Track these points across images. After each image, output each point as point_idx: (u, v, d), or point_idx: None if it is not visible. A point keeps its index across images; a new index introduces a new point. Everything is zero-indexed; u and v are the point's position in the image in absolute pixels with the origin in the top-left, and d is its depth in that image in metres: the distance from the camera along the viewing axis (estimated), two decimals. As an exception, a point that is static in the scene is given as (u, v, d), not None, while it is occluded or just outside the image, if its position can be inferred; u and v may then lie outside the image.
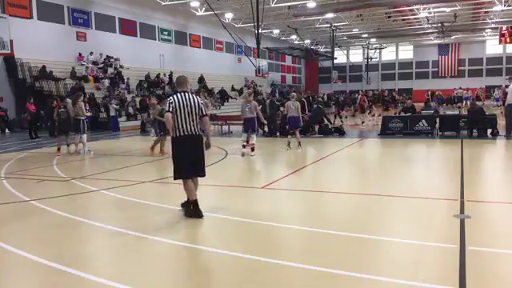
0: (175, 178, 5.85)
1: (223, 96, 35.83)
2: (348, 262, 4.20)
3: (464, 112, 18.70)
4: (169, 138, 6.29)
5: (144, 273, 4.09)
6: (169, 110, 5.56)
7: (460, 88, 40.99)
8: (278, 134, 17.11)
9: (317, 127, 17.61)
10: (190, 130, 5.64)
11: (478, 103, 21.30)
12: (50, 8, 25.43)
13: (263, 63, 31.43)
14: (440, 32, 41.43)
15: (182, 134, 5.62)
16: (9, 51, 20.54)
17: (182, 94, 5.69)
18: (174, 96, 5.68)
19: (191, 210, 5.72)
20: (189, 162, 5.71)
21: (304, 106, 16.83)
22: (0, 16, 20.78)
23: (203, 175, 5.92)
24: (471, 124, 15.39)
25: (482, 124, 15.26)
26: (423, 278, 3.76)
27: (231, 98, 36.58)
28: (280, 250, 4.75)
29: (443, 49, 53.81)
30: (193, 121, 5.63)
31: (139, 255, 4.56)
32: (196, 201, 5.71)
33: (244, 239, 4.99)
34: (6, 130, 21.63)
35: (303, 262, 4.17)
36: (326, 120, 18.09)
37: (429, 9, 34.94)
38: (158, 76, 31.58)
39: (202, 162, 5.87)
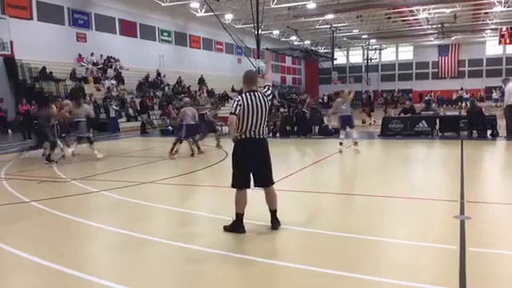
0: (233, 186, 5.16)
1: (223, 97, 35.89)
2: (348, 263, 4.20)
3: (463, 113, 18.70)
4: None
5: (144, 274, 4.09)
6: (234, 113, 4.96)
7: (461, 89, 40.99)
8: (277, 134, 17.29)
9: (317, 128, 17.65)
10: (257, 133, 5.09)
11: (480, 104, 21.27)
12: (50, 9, 25.42)
13: (263, 64, 31.42)
14: (440, 33, 41.45)
15: (247, 137, 5.06)
16: (9, 52, 20.53)
17: (252, 94, 5.09)
18: (243, 96, 5.08)
19: (235, 222, 5.15)
20: (252, 170, 5.12)
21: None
22: (0, 17, 20.78)
23: (272, 183, 5.30)
24: (471, 125, 15.40)
25: (482, 125, 15.27)
26: (423, 279, 3.76)
27: (231, 98, 36.59)
28: (278, 250, 4.76)
29: (443, 50, 53.80)
30: (261, 124, 5.08)
31: (140, 256, 4.56)
32: (242, 215, 5.13)
33: (243, 240, 4.99)
34: (9, 131, 21.63)
35: (302, 263, 4.17)
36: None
37: (429, 10, 34.96)
38: (157, 77, 31.61)
39: (269, 169, 5.25)
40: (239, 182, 5.13)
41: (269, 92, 5.28)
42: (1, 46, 19.39)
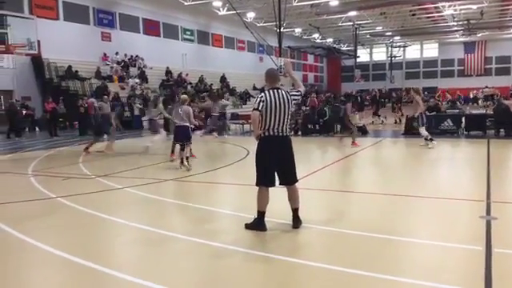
0: (258, 185, 5.14)
1: (245, 95, 36.00)
2: (370, 262, 4.16)
3: (490, 111, 18.28)
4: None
5: (167, 269, 4.14)
6: (257, 109, 4.95)
7: (486, 87, 40.09)
8: (299, 132, 17.23)
9: (339, 126, 17.50)
10: (281, 130, 5.07)
11: (505, 102, 20.73)
12: (76, 9, 25.97)
13: (283, 61, 31.30)
14: (466, 30, 40.55)
15: (271, 134, 5.05)
16: (36, 51, 21.03)
17: (275, 91, 5.07)
18: (266, 93, 5.07)
19: (256, 220, 5.16)
20: (276, 168, 5.11)
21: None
22: (28, 17, 21.29)
23: (295, 181, 5.29)
24: (498, 123, 15.04)
25: (510, 123, 14.90)
26: (447, 280, 3.70)
27: (252, 97, 36.65)
28: (301, 249, 4.75)
29: (469, 47, 52.71)
30: (284, 121, 5.07)
31: (162, 252, 4.62)
32: (264, 213, 5.13)
33: (264, 238, 5.00)
34: (36, 129, 22.18)
35: (324, 262, 4.16)
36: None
37: (454, 6, 34.24)
38: (179, 75, 31.86)
39: (292, 167, 5.21)
40: (264, 181, 5.12)
41: (297, 93, 5.34)
42: (28, 45, 19.85)
